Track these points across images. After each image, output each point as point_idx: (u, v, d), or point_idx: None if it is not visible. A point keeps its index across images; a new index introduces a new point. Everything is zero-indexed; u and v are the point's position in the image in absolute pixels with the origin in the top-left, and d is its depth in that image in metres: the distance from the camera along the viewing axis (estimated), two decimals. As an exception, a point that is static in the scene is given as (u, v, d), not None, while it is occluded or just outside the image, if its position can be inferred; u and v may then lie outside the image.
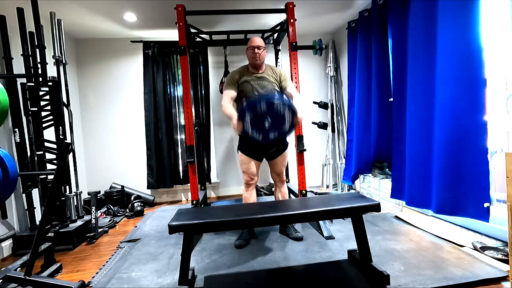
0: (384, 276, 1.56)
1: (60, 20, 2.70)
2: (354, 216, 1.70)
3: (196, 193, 2.57)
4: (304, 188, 2.55)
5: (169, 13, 3.10)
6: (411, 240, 2.17)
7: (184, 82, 2.57)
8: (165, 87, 3.89)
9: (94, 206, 2.58)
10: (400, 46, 2.61)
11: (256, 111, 1.88)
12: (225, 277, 1.80)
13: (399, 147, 2.69)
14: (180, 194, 4.11)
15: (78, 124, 3.72)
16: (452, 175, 2.15)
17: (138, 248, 2.31)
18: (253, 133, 1.93)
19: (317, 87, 4.28)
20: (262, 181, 4.13)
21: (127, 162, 3.94)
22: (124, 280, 1.81)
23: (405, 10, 2.53)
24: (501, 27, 2.03)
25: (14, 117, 2.41)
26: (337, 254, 2.01)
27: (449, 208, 2.18)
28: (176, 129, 3.96)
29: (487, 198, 1.96)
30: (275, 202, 2.06)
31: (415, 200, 2.52)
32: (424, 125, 2.40)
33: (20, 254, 2.28)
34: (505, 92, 2.12)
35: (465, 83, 2.03)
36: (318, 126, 4.17)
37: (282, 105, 1.89)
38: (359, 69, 3.31)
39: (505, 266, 1.70)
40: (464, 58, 2.02)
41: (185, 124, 2.63)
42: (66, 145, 1.59)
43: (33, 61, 2.48)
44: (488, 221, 1.96)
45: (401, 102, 2.65)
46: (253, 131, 1.93)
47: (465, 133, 2.05)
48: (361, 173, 3.42)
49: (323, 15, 3.54)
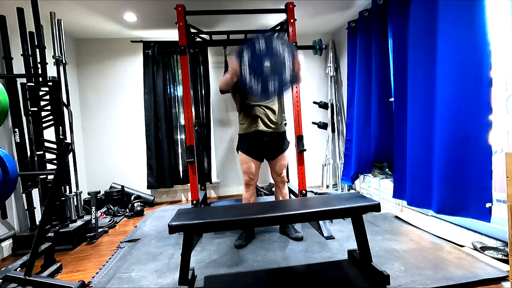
0: (384, 276, 1.56)
1: (60, 20, 2.70)
2: (354, 216, 1.70)
3: (196, 193, 2.57)
4: (304, 188, 2.54)
5: (169, 13, 3.10)
6: (411, 240, 2.17)
7: (184, 82, 2.57)
8: (165, 87, 3.89)
9: (94, 206, 2.58)
10: (401, 46, 2.61)
11: (254, 48, 1.74)
12: (225, 277, 1.80)
13: (401, 147, 2.69)
14: (180, 194, 4.11)
15: (78, 124, 3.72)
16: (453, 175, 2.15)
17: (138, 248, 2.31)
18: (251, 80, 1.76)
19: (317, 87, 4.28)
20: (262, 181, 4.13)
21: (127, 162, 3.94)
22: (124, 280, 1.81)
23: (405, 10, 2.53)
24: (501, 27, 2.03)
25: (14, 117, 2.41)
26: (337, 254, 2.00)
27: (450, 208, 2.18)
28: (176, 129, 3.96)
29: (489, 198, 1.95)
30: (275, 202, 2.07)
31: (416, 200, 2.51)
32: (425, 124, 2.40)
33: (20, 254, 2.27)
34: (505, 92, 2.12)
35: (468, 82, 2.02)
36: (318, 126, 4.18)
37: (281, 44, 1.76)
38: (359, 69, 3.31)
39: (505, 266, 1.70)
40: (467, 57, 2.01)
41: (185, 124, 2.63)
42: (66, 145, 1.59)
43: (33, 61, 2.48)
44: (489, 221, 1.96)
45: (402, 102, 2.65)
46: (251, 77, 1.76)
47: (468, 132, 2.04)
48: (361, 173, 3.42)
49: (323, 15, 3.54)
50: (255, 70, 1.75)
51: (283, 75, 1.78)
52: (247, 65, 1.74)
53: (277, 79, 1.78)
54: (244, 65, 1.75)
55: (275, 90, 1.81)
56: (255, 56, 1.74)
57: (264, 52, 1.74)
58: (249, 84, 1.77)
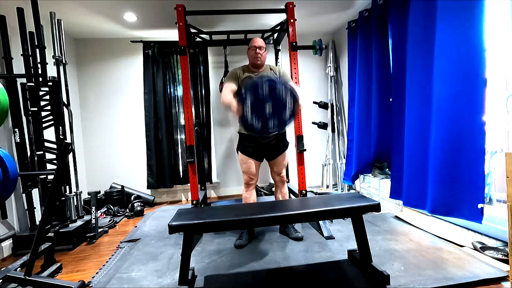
0: (384, 276, 1.56)
1: (60, 20, 2.70)
2: (354, 216, 1.70)
3: (196, 193, 2.57)
4: (304, 188, 2.54)
5: (169, 13, 3.10)
6: (411, 240, 2.17)
7: (184, 82, 2.57)
8: (165, 87, 3.89)
9: (94, 206, 2.58)
10: (400, 46, 2.61)
11: (257, 93, 1.82)
12: (225, 277, 1.80)
13: (398, 147, 2.69)
14: (180, 194, 4.11)
15: (78, 124, 3.72)
16: (448, 176, 2.15)
17: (138, 248, 2.31)
18: (252, 119, 1.86)
19: (317, 87, 4.28)
20: (262, 181, 4.13)
21: (127, 162, 3.94)
22: (124, 280, 1.81)
23: (405, 10, 2.53)
24: (501, 27, 2.03)
25: (14, 117, 2.41)
26: (337, 254, 2.00)
27: (444, 209, 2.18)
28: (176, 129, 3.96)
29: (481, 199, 1.95)
30: (275, 202, 2.06)
31: (411, 200, 2.52)
32: (422, 125, 2.40)
33: (20, 254, 2.27)
34: (505, 92, 2.12)
35: (463, 83, 2.02)
36: (318, 126, 4.18)
37: (284, 89, 1.84)
38: (359, 69, 3.31)
39: (505, 266, 1.70)
40: (463, 57, 2.02)
41: (185, 124, 2.63)
42: (66, 145, 1.59)
43: (33, 61, 2.48)
44: (481, 222, 1.96)
45: (400, 102, 2.65)
46: (253, 116, 1.85)
47: (462, 133, 2.05)
48: (361, 173, 3.42)
49: (323, 15, 3.54)
50: (256, 111, 1.86)
51: (283, 115, 1.89)
52: (249, 106, 1.84)
53: (277, 119, 1.89)
54: (246, 106, 1.84)
55: (275, 127, 1.93)
56: (257, 99, 1.84)
57: (266, 95, 1.83)
58: (250, 123, 1.88)
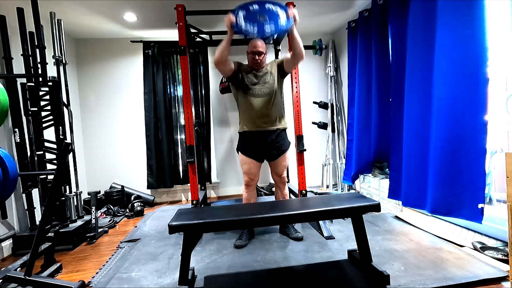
0: (384, 276, 1.56)
1: (60, 20, 2.70)
2: (354, 216, 1.70)
3: (196, 193, 2.57)
4: (304, 188, 2.54)
5: (169, 13, 3.10)
6: (411, 240, 2.17)
7: (184, 82, 2.57)
8: (165, 87, 3.89)
9: (94, 206, 2.58)
10: (400, 46, 2.61)
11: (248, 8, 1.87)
12: (225, 277, 1.80)
13: (397, 147, 2.69)
14: (180, 194, 4.11)
15: (78, 124, 3.72)
16: (448, 176, 2.14)
17: (138, 248, 2.31)
18: (246, 25, 1.86)
19: (317, 87, 4.28)
20: (262, 181, 4.13)
21: (127, 162, 3.94)
22: (124, 280, 1.81)
23: (405, 10, 2.53)
24: (501, 27, 2.03)
25: (14, 117, 2.41)
26: (337, 254, 2.00)
27: (444, 209, 2.18)
28: (176, 129, 3.96)
29: (481, 199, 1.95)
30: (275, 202, 2.06)
31: (411, 200, 2.51)
32: (422, 124, 2.40)
33: (20, 254, 2.27)
34: (505, 92, 2.12)
35: (464, 82, 2.02)
36: (318, 126, 4.18)
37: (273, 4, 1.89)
38: (359, 69, 3.31)
39: (505, 266, 1.70)
40: (464, 57, 2.01)
41: (185, 124, 2.62)
42: (66, 145, 1.59)
43: (33, 61, 2.48)
44: (481, 222, 1.96)
45: (399, 102, 2.65)
46: (247, 23, 1.86)
47: (462, 133, 2.04)
48: (361, 173, 3.42)
49: (323, 15, 3.54)
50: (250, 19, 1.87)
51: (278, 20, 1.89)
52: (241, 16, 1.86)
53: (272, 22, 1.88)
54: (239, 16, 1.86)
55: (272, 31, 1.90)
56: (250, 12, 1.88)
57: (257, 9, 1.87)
58: (245, 29, 1.87)
